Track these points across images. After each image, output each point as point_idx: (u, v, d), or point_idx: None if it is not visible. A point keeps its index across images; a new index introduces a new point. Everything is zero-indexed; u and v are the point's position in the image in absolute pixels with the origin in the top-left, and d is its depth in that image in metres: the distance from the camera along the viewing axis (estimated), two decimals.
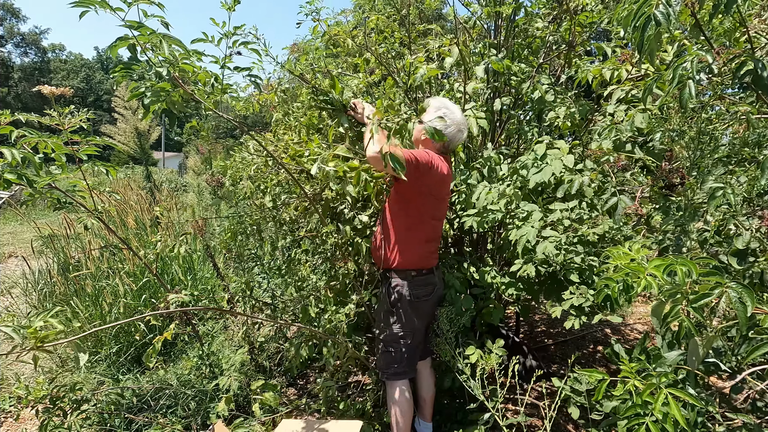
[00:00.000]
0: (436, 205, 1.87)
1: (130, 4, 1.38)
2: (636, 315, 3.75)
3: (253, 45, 1.63)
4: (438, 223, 1.92)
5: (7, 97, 40.67)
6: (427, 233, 1.87)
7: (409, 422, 1.91)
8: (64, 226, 3.49)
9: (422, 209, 1.84)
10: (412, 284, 1.86)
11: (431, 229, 1.89)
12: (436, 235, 1.92)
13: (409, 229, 1.84)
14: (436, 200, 1.86)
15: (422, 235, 1.86)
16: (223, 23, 1.56)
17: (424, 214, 1.84)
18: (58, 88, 1.74)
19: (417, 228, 1.85)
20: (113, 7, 1.36)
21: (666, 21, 1.14)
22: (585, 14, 2.27)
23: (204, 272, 3.55)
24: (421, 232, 1.86)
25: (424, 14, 2.97)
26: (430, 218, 1.87)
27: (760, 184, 1.31)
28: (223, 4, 1.58)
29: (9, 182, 1.52)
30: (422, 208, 1.84)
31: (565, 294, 1.81)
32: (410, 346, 1.90)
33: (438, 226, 1.93)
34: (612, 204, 1.70)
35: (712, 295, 0.96)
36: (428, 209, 1.85)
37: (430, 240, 1.89)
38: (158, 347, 1.68)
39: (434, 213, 1.88)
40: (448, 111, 1.83)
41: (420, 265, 1.88)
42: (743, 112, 1.56)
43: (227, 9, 1.57)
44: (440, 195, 1.87)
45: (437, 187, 1.82)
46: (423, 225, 1.85)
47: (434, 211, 1.87)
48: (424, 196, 1.80)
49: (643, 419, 1.04)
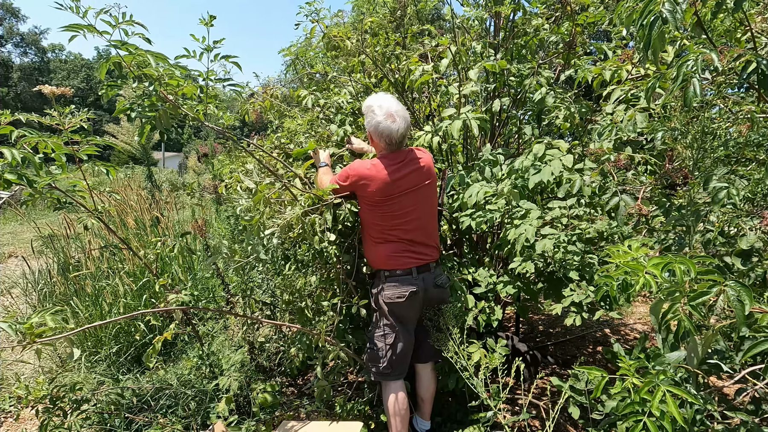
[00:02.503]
0: (398, 203, 1.83)
1: (114, 26, 1.48)
2: (636, 315, 3.75)
3: (234, 58, 1.70)
4: (415, 220, 1.87)
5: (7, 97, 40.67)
6: (398, 233, 1.86)
7: (404, 422, 1.91)
8: (64, 226, 3.49)
9: (382, 213, 1.85)
10: (386, 285, 1.88)
11: (404, 228, 1.85)
12: (415, 233, 1.87)
13: (376, 231, 1.89)
14: (390, 201, 1.82)
15: (391, 236, 1.86)
16: (203, 38, 1.63)
17: (386, 217, 1.85)
18: (59, 88, 1.74)
19: (383, 229, 1.87)
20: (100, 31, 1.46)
21: (673, 19, 1.14)
22: (585, 14, 2.27)
23: (204, 272, 3.55)
24: (390, 233, 1.86)
25: (421, 14, 2.97)
26: (395, 218, 1.84)
27: (764, 184, 1.31)
28: (201, 20, 1.64)
29: (9, 182, 1.52)
30: (381, 212, 1.85)
31: (565, 291, 1.81)
32: (391, 347, 1.89)
33: (417, 222, 1.87)
34: (614, 204, 1.69)
35: (710, 293, 0.96)
36: (387, 210, 1.84)
37: (405, 240, 1.86)
38: (158, 347, 1.68)
39: (398, 212, 1.84)
40: (373, 107, 1.84)
41: (390, 266, 1.87)
42: (747, 112, 1.56)
43: (205, 25, 1.64)
44: (393, 194, 1.81)
45: (383, 192, 1.80)
46: (390, 225, 1.85)
47: (398, 210, 1.84)
48: (373, 205, 1.84)
49: (641, 417, 1.04)
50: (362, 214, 1.91)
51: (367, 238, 1.95)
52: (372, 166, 1.82)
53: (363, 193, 1.83)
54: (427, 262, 1.91)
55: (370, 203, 1.84)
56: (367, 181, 1.80)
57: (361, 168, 1.82)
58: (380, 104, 1.83)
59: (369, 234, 1.93)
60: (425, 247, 1.91)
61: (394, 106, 1.84)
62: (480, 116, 2.02)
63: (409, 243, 1.87)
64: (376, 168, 1.81)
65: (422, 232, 1.90)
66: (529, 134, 2.36)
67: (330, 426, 1.85)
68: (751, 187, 1.45)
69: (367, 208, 1.87)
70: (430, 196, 1.94)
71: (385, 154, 1.87)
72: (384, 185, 1.80)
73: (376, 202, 1.82)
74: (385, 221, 1.85)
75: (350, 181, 1.82)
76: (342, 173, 1.85)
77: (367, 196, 1.83)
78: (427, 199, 1.92)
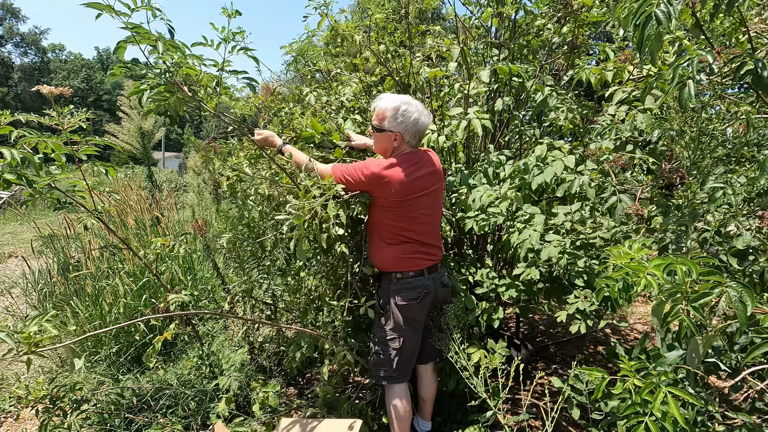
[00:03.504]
0: (412, 205, 1.80)
1: (133, 9, 1.46)
2: (636, 315, 3.75)
3: (252, 51, 1.68)
4: (427, 222, 1.85)
5: (7, 97, 40.67)
6: (410, 234, 1.83)
7: (407, 424, 1.91)
8: (64, 226, 3.49)
9: (397, 214, 1.80)
10: (397, 287, 1.85)
11: (417, 230, 1.83)
12: (426, 235, 1.86)
13: (388, 232, 1.84)
14: (407, 203, 1.78)
15: (403, 237, 1.83)
16: (222, 28, 1.60)
17: (400, 218, 1.81)
18: (58, 88, 1.74)
19: (397, 230, 1.83)
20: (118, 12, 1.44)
21: (666, 19, 1.14)
22: (585, 14, 2.27)
23: (204, 272, 3.54)
24: (402, 234, 1.83)
25: (424, 14, 2.97)
26: (409, 220, 1.81)
27: (759, 184, 1.31)
28: (224, 10, 1.61)
29: (9, 182, 1.52)
30: (396, 213, 1.80)
31: (570, 298, 1.80)
32: (400, 350, 1.87)
33: (428, 223, 1.86)
34: (612, 203, 1.69)
35: (712, 294, 0.96)
36: (402, 212, 1.80)
37: (416, 241, 1.84)
38: (158, 347, 1.68)
39: (412, 213, 1.81)
40: (402, 107, 1.78)
41: (403, 268, 1.84)
42: (743, 112, 1.56)
43: (228, 16, 1.61)
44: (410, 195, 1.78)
45: (400, 193, 1.76)
46: (404, 227, 1.82)
47: (412, 212, 1.81)
48: (388, 206, 1.78)
49: (643, 418, 1.04)
50: (374, 215, 1.85)
51: (375, 239, 1.89)
52: (390, 165, 1.76)
53: (380, 193, 1.77)
54: (435, 262, 1.90)
55: (385, 204, 1.79)
56: (386, 181, 1.74)
57: (379, 167, 1.75)
58: (407, 101, 1.79)
59: (379, 235, 1.87)
60: (433, 248, 1.90)
61: (417, 102, 1.83)
62: (486, 116, 2.02)
63: (420, 244, 1.85)
64: (394, 168, 1.75)
65: (432, 233, 1.90)
66: (530, 135, 2.36)
67: (330, 424, 1.85)
68: (746, 187, 1.45)
69: (380, 208, 1.81)
70: (440, 197, 1.94)
71: (401, 154, 1.81)
72: (402, 186, 1.74)
73: (392, 203, 1.77)
74: (399, 222, 1.81)
75: (367, 180, 1.75)
76: (355, 170, 1.77)
77: (383, 196, 1.77)
78: (438, 200, 1.92)
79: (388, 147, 1.85)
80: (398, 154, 1.82)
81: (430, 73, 2.07)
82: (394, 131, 1.79)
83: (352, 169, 1.77)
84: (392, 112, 1.78)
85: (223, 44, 1.62)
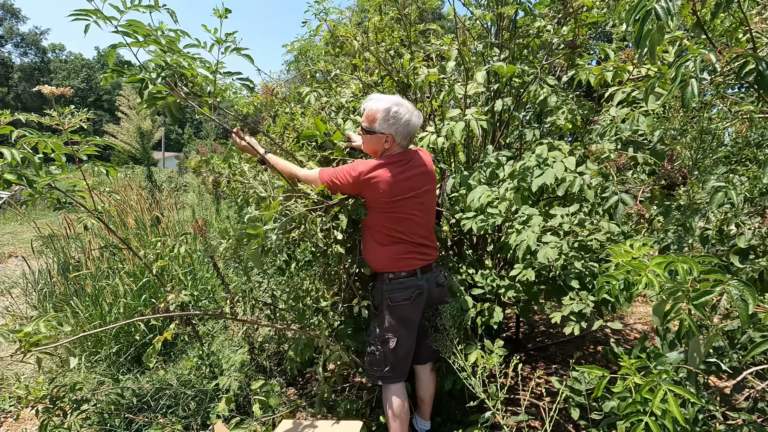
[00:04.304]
0: (403, 205, 1.79)
1: (123, 12, 1.47)
2: (636, 315, 3.75)
3: (245, 50, 1.67)
4: (420, 222, 1.85)
5: (7, 97, 40.68)
6: (402, 235, 1.82)
7: (404, 424, 1.91)
8: (64, 226, 3.49)
9: (388, 215, 1.80)
10: (390, 287, 1.85)
11: (409, 230, 1.83)
12: (419, 235, 1.86)
13: (381, 233, 1.84)
14: (397, 203, 1.78)
15: (396, 238, 1.83)
16: (215, 30, 1.60)
17: (391, 218, 1.80)
18: (58, 88, 1.74)
19: (389, 231, 1.82)
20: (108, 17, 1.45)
21: (666, 15, 1.14)
22: (586, 14, 2.26)
23: (204, 272, 3.54)
24: (395, 235, 1.82)
25: (425, 14, 2.97)
26: (401, 220, 1.81)
27: (762, 183, 1.31)
28: (215, 11, 1.61)
29: (9, 182, 1.52)
30: (387, 213, 1.80)
31: (565, 300, 1.80)
32: (394, 350, 1.86)
33: (421, 224, 1.86)
34: (612, 203, 1.69)
35: (713, 292, 0.95)
36: (393, 212, 1.79)
37: (409, 242, 1.84)
38: (158, 347, 1.68)
39: (403, 214, 1.80)
40: (393, 108, 1.77)
41: (396, 268, 1.84)
42: (745, 112, 1.56)
43: (219, 16, 1.61)
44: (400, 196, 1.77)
45: (390, 194, 1.75)
46: (396, 228, 1.82)
47: (403, 212, 1.80)
48: (379, 207, 1.79)
49: (643, 417, 1.03)
50: (373, 214, 1.84)
51: (369, 240, 1.90)
52: (378, 166, 1.75)
53: (369, 194, 1.78)
54: (429, 262, 1.90)
55: (375, 205, 1.80)
56: (374, 181, 1.74)
57: (366, 168, 1.75)
58: (399, 103, 1.78)
59: (372, 236, 1.88)
60: (427, 248, 1.90)
61: (408, 103, 1.82)
62: (484, 117, 2.01)
63: (413, 244, 1.85)
64: (382, 169, 1.75)
65: (425, 233, 1.89)
66: (530, 135, 2.35)
67: (330, 425, 1.85)
68: (748, 186, 1.45)
69: (371, 209, 1.82)
70: (433, 197, 1.93)
71: (391, 155, 1.81)
72: (390, 187, 1.74)
73: (382, 204, 1.77)
74: (390, 223, 1.81)
75: (355, 181, 1.75)
76: (343, 172, 1.77)
77: (373, 197, 1.78)
78: (430, 200, 1.91)
79: (379, 148, 1.84)
80: (388, 155, 1.82)
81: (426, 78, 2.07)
82: (385, 133, 1.78)
83: (340, 172, 1.77)
84: (383, 114, 1.77)
85: (216, 46, 1.62)
